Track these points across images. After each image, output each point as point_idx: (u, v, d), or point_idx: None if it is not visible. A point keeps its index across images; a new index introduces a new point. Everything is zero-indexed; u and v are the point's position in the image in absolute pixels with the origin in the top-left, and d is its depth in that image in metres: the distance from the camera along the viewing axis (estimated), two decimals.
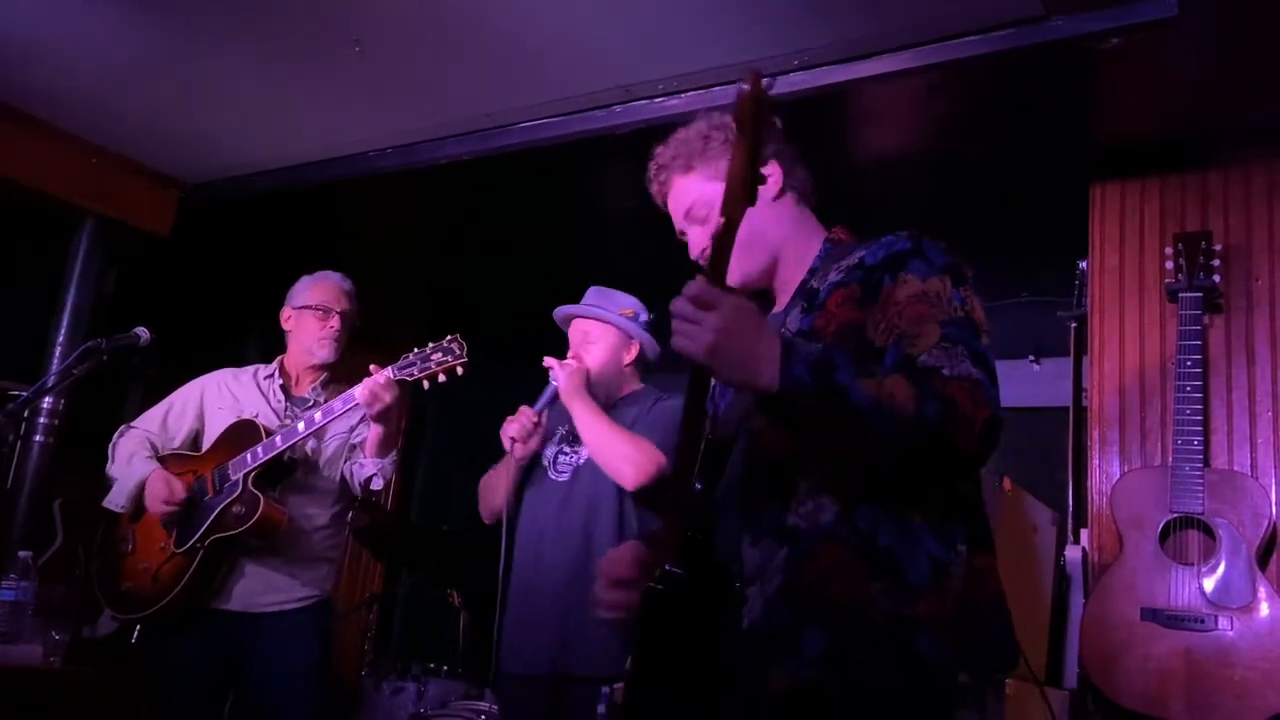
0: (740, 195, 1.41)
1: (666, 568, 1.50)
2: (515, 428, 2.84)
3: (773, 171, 1.78)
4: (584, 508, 2.83)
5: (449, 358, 2.78)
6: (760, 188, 1.70)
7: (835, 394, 1.38)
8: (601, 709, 2.57)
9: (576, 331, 3.02)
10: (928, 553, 1.49)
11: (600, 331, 2.99)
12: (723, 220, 1.43)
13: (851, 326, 1.56)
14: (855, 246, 1.72)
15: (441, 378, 2.80)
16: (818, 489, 1.54)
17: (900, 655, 1.45)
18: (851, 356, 1.44)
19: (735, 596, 1.56)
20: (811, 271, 1.74)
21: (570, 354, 2.97)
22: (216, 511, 2.93)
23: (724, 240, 1.43)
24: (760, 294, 1.82)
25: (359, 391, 2.83)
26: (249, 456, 2.94)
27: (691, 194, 1.83)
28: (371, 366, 2.86)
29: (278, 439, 2.93)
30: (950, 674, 1.47)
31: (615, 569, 1.68)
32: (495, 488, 2.97)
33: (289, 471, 3.02)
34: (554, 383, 2.87)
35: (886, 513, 1.50)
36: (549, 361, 2.89)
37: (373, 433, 2.97)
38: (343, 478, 3.14)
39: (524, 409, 2.88)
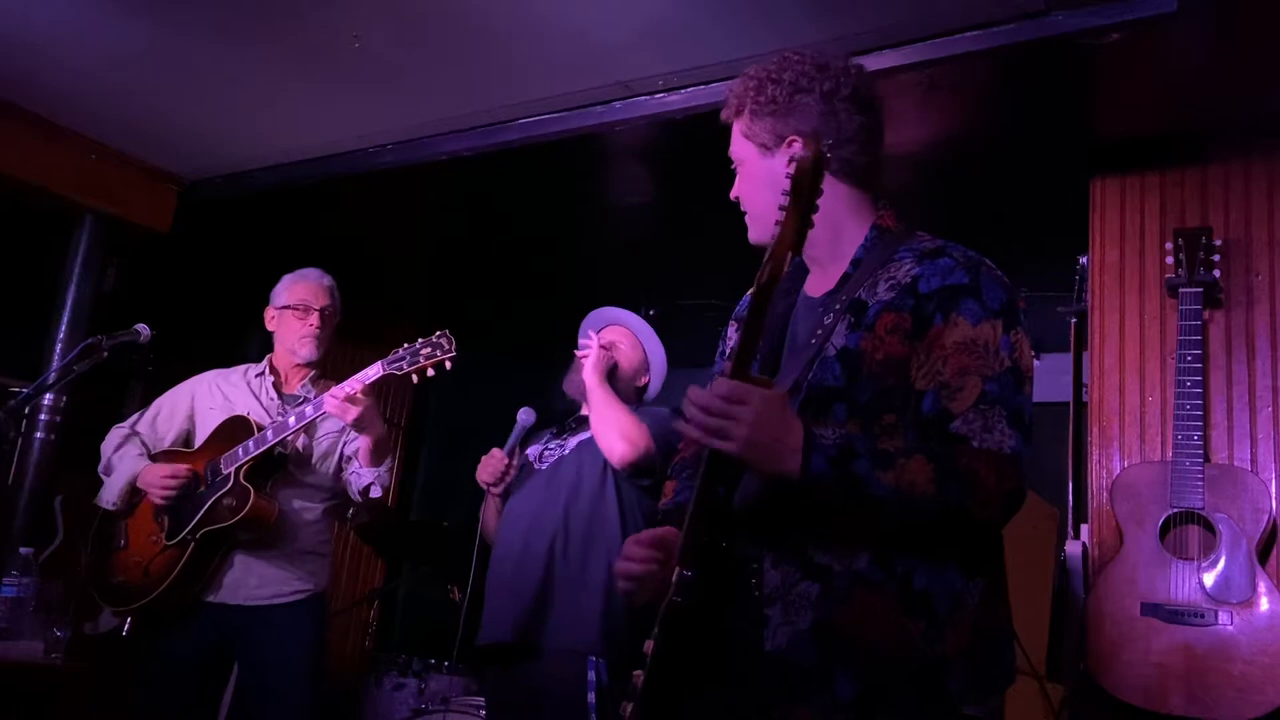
0: (784, 252, 1.44)
1: (683, 573, 1.50)
2: (488, 474, 3.01)
3: (796, 152, 1.72)
4: (564, 490, 2.94)
5: (438, 352, 2.83)
6: (788, 165, 1.64)
7: (854, 483, 1.43)
8: (591, 676, 2.66)
9: (608, 335, 3.17)
10: (952, 586, 1.51)
11: (631, 345, 3.18)
12: (765, 277, 1.44)
13: (897, 361, 1.55)
14: (902, 240, 1.66)
15: (430, 372, 2.84)
16: (849, 531, 1.53)
17: (929, 691, 1.48)
18: (873, 445, 1.47)
19: (754, 611, 1.55)
20: (856, 264, 1.67)
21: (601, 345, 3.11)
22: (208, 504, 2.95)
23: (766, 294, 1.44)
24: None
25: (327, 403, 2.87)
26: (240, 450, 2.96)
27: (733, 140, 1.77)
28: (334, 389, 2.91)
29: (269, 433, 2.95)
30: (965, 701, 1.50)
31: (629, 566, 1.66)
32: (487, 522, 3.13)
33: (281, 466, 3.04)
34: (521, 420, 3.06)
35: (920, 554, 1.51)
36: (586, 343, 3.06)
37: (362, 443, 3.01)
38: (335, 473, 3.16)
39: (495, 452, 3.03)
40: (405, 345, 2.88)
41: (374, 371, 2.89)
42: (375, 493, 3.06)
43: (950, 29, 2.86)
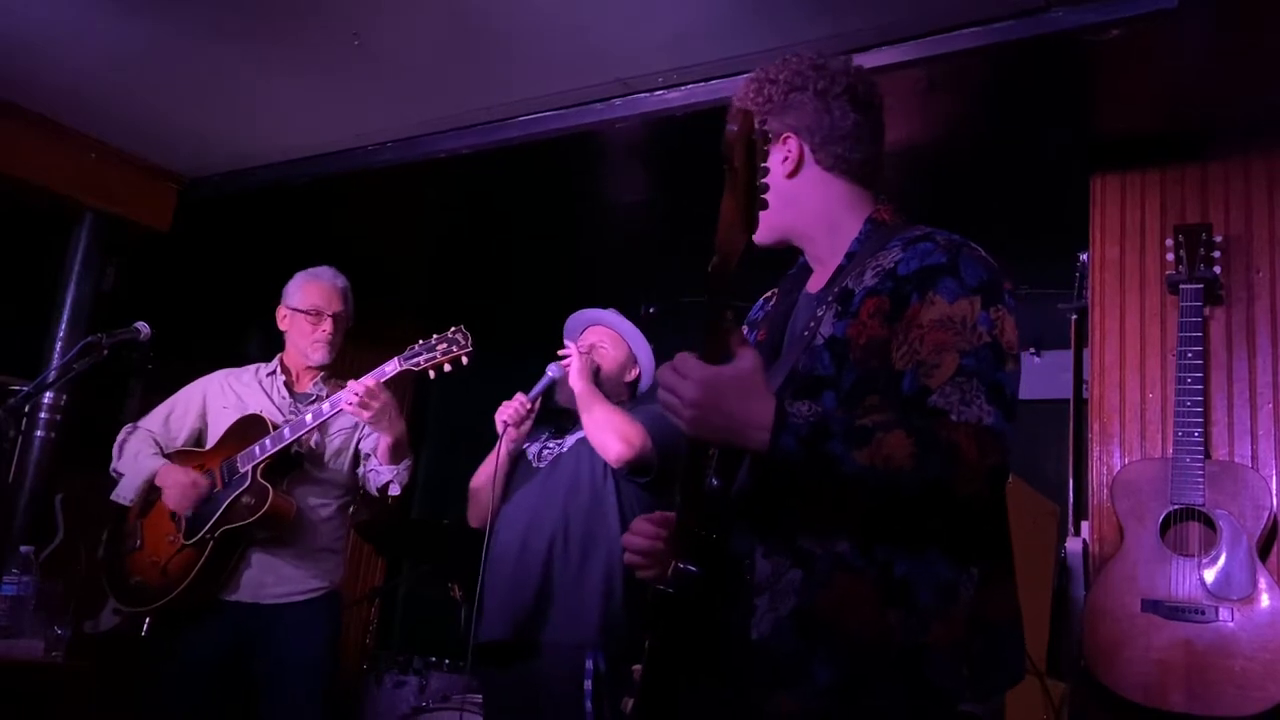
0: (733, 234, 1.42)
1: (679, 565, 1.49)
2: (509, 412, 3.01)
3: (790, 148, 1.70)
4: (563, 488, 2.95)
5: (454, 348, 2.86)
6: (783, 162, 1.66)
7: (826, 462, 1.41)
8: (589, 665, 2.67)
9: (589, 337, 3.19)
10: (938, 576, 1.49)
11: (613, 342, 3.18)
12: (714, 262, 1.42)
13: (878, 343, 1.54)
14: (896, 231, 1.66)
15: (447, 367, 2.87)
16: (830, 513, 1.52)
17: (910, 681, 1.46)
18: (850, 422, 1.44)
19: (745, 602, 1.54)
20: (850, 257, 1.68)
21: (582, 350, 3.11)
22: (226, 504, 2.95)
23: (718, 280, 1.43)
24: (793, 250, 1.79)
25: (344, 396, 2.87)
26: (257, 449, 2.96)
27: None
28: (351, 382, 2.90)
29: (286, 431, 2.95)
30: (958, 696, 1.48)
31: (635, 540, 1.68)
32: (481, 491, 3.10)
33: (297, 464, 3.04)
34: (549, 374, 3.04)
35: (903, 539, 1.49)
36: (564, 353, 3.05)
37: (381, 441, 3.01)
38: (349, 470, 3.17)
39: (518, 395, 3.04)
40: (421, 341, 2.89)
41: (390, 368, 2.90)
42: (394, 490, 3.05)
43: (949, 25, 2.86)
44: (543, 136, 3.55)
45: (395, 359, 2.90)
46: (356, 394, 2.84)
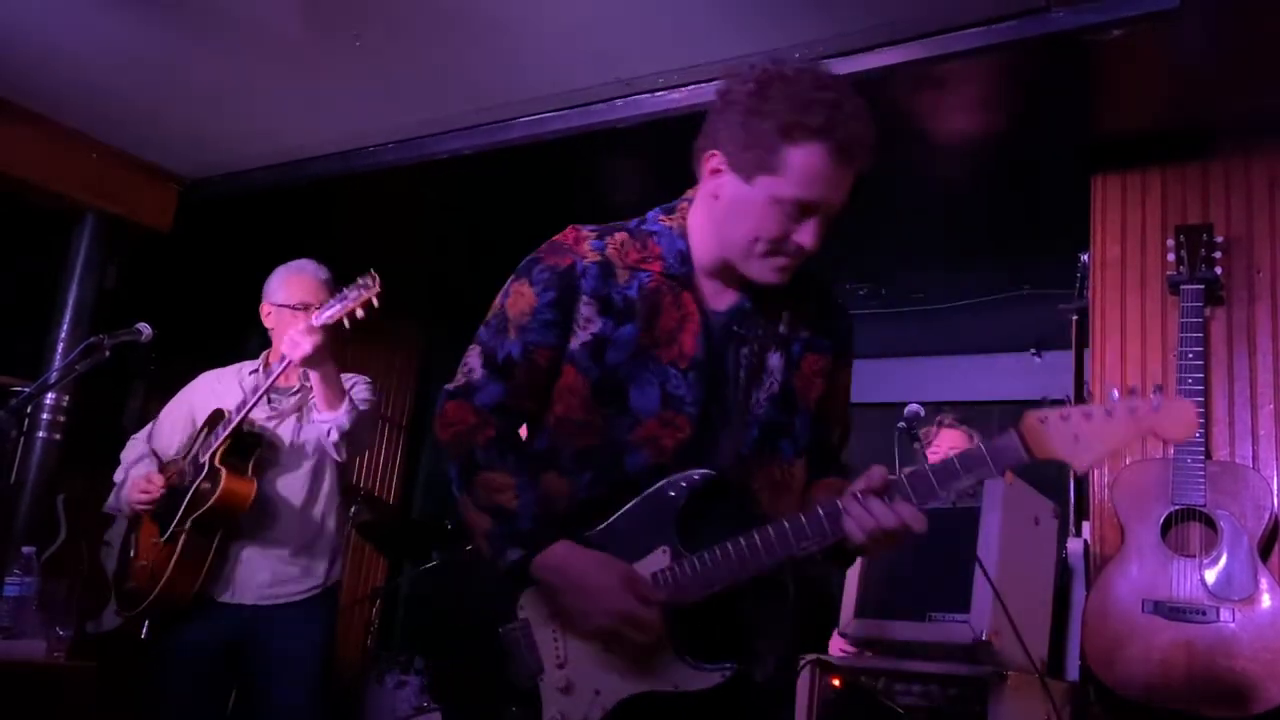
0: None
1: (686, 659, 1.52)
2: None
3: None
4: None
5: (363, 291, 2.91)
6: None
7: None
8: None
9: None
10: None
11: None
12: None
13: (820, 399, 1.70)
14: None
15: (359, 313, 2.91)
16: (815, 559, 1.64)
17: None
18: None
19: (745, 644, 1.58)
20: (750, 285, 1.64)
21: None
22: (190, 494, 2.95)
23: None
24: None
25: (283, 347, 2.92)
26: (213, 438, 2.97)
27: (846, 195, 1.61)
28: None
29: (233, 413, 2.95)
30: None
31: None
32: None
33: (257, 444, 3.02)
34: None
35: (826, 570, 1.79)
36: None
37: (314, 381, 2.99)
38: (340, 469, 3.16)
39: None
40: (334, 294, 2.96)
41: (315, 320, 2.93)
42: (333, 437, 3.00)
43: (951, 26, 2.86)
44: (544, 137, 3.55)
45: (312, 315, 2.95)
46: (294, 340, 2.87)
